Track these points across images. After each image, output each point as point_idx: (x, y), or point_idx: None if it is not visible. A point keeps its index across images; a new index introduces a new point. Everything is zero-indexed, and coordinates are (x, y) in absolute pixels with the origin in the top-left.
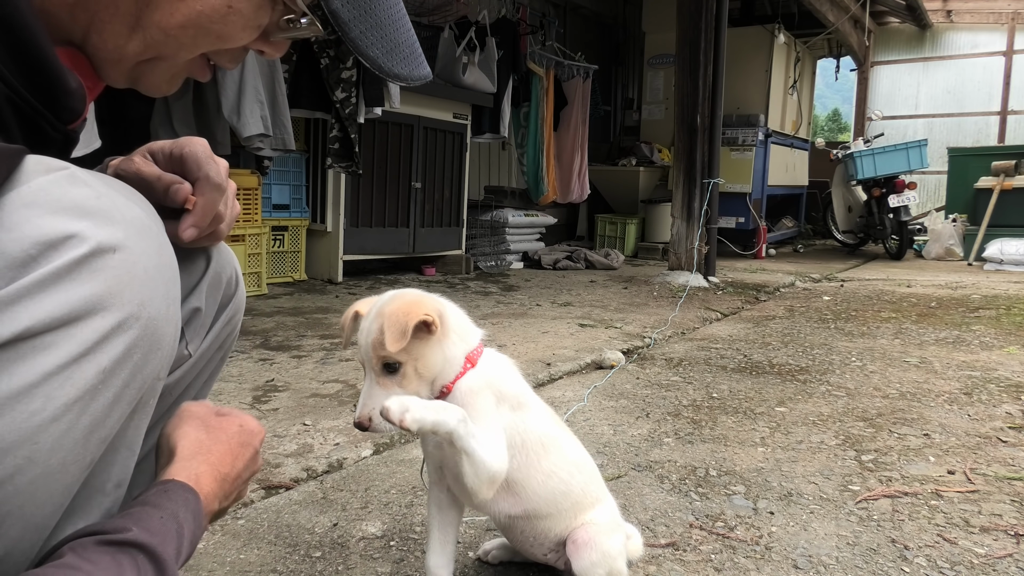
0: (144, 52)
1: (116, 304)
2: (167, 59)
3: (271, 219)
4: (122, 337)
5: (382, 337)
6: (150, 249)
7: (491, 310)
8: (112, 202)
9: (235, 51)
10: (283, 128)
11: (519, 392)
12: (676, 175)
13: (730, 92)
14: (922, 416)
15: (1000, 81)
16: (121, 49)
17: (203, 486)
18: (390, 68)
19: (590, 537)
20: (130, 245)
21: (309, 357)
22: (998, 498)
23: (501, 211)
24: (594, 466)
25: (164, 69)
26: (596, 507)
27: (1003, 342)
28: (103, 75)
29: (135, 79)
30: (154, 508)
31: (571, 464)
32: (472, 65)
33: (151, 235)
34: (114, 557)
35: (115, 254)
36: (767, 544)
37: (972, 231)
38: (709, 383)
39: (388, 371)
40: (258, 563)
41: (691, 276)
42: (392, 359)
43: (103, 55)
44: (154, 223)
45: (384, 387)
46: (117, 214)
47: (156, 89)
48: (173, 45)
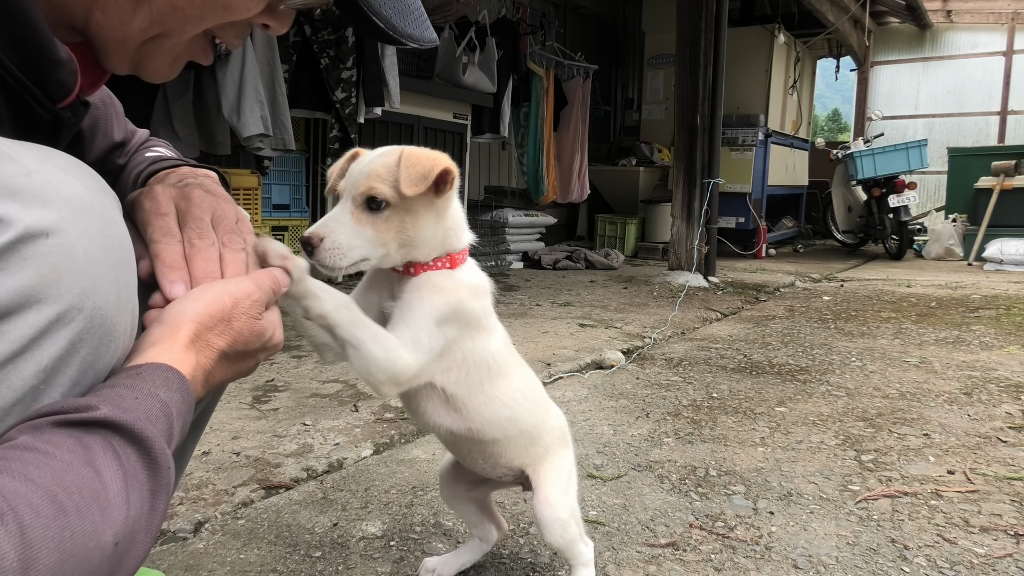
0: (149, 28)
1: (53, 295)
2: (172, 35)
3: (271, 219)
4: (63, 331)
5: (393, 172)
6: (91, 230)
7: None
8: (44, 179)
9: (240, 26)
10: (283, 128)
11: (480, 315)
12: (676, 175)
13: (730, 92)
14: (922, 416)
15: (1000, 81)
16: (126, 26)
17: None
18: (403, 28)
19: (550, 503)
20: (66, 227)
21: (309, 357)
22: (998, 498)
23: (501, 211)
24: (545, 399)
25: (168, 49)
26: (550, 444)
27: (1003, 342)
28: (107, 61)
29: (138, 62)
30: (125, 389)
31: (517, 392)
32: (472, 65)
33: (92, 214)
34: (79, 439)
35: (48, 239)
36: (767, 544)
37: (972, 231)
38: (709, 383)
39: (370, 207)
40: (258, 563)
41: (691, 276)
42: (383, 196)
43: (107, 34)
44: (99, 200)
45: (357, 222)
46: (51, 193)
47: (159, 73)
48: (179, 18)
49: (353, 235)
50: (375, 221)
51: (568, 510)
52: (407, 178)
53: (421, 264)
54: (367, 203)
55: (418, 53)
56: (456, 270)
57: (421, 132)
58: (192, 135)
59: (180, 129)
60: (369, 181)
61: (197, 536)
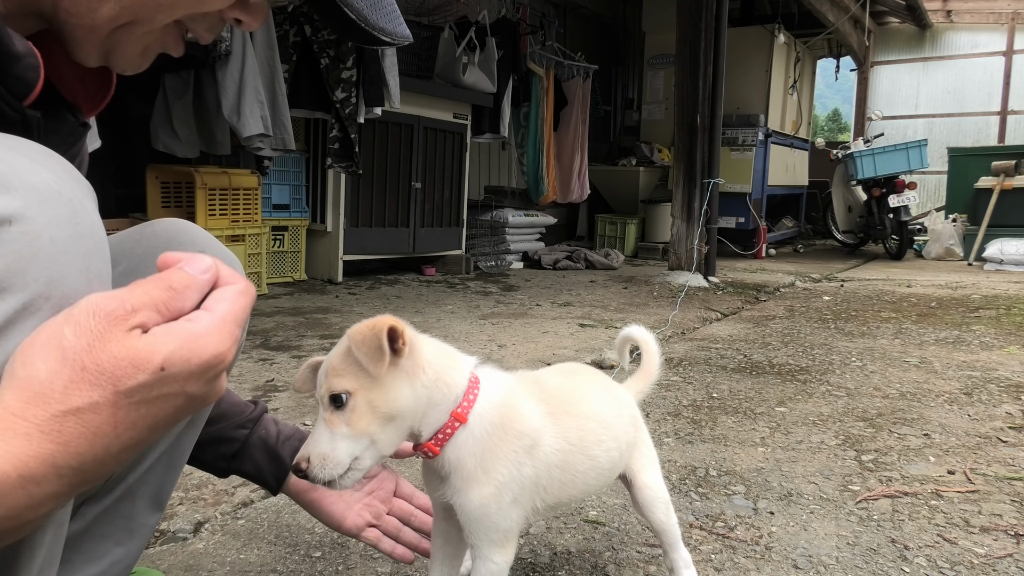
0: (119, 15)
1: (18, 283)
2: (143, 23)
3: (271, 219)
4: (30, 321)
5: (346, 360)
6: (59, 218)
7: (491, 310)
8: (9, 167)
9: (211, 19)
10: (283, 128)
11: (533, 439)
12: (676, 175)
13: (730, 92)
14: (922, 416)
15: (1000, 81)
16: (94, 12)
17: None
18: (375, 21)
19: (650, 487)
20: (31, 215)
21: (309, 357)
22: (998, 498)
23: (501, 211)
24: (613, 404)
25: (139, 38)
26: (632, 439)
27: (1003, 342)
28: (77, 51)
29: (108, 52)
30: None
31: (600, 433)
32: (472, 65)
33: (60, 202)
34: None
35: (12, 226)
36: (767, 544)
37: (972, 231)
38: (709, 383)
39: (336, 405)
40: (258, 563)
41: (691, 276)
42: (342, 388)
43: (75, 21)
44: (68, 188)
45: (331, 426)
46: (15, 179)
47: (129, 63)
48: (151, 5)
49: (332, 440)
50: (346, 416)
51: (666, 491)
52: (367, 361)
53: (430, 441)
54: (333, 403)
55: (418, 53)
56: (470, 422)
57: (421, 132)
58: (192, 135)
59: (180, 129)
60: (327, 382)
61: (197, 536)
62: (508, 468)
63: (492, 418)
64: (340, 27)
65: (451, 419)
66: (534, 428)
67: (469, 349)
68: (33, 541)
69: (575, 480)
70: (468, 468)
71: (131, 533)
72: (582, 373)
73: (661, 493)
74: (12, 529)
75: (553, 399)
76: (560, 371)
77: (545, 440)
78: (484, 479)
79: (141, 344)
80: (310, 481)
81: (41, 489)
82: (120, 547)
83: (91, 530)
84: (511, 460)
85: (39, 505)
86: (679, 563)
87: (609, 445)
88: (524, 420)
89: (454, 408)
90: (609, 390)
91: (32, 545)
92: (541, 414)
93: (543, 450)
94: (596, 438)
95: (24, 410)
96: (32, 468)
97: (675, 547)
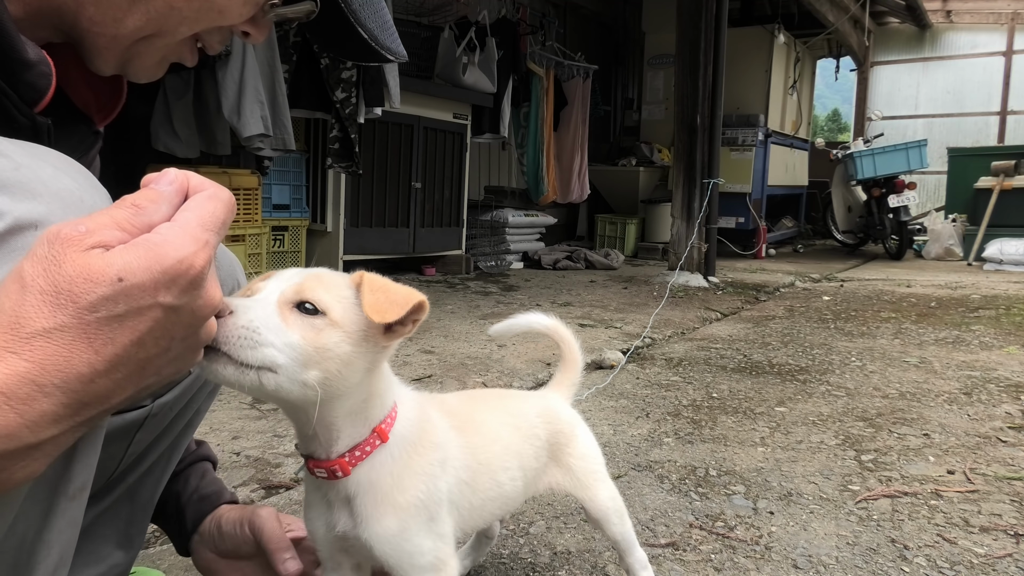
0: (143, 27)
1: None
2: (165, 36)
3: (271, 219)
4: None
5: (343, 290)
6: None
7: (491, 310)
8: (34, 173)
9: (225, 33)
10: (283, 128)
11: (443, 457)
12: (676, 175)
13: (730, 92)
14: (922, 416)
15: (1000, 81)
16: (119, 23)
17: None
18: (383, 41)
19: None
20: (55, 220)
21: None
22: (998, 498)
23: (501, 211)
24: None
25: (158, 49)
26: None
27: (1003, 342)
28: (95, 59)
29: (126, 62)
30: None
31: (504, 456)
32: (472, 65)
33: (83, 208)
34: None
35: (37, 231)
36: (767, 544)
37: (972, 231)
38: (709, 383)
39: (303, 309)
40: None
41: (691, 276)
42: (323, 304)
43: (98, 30)
44: (89, 195)
45: (283, 318)
46: (40, 187)
47: (146, 73)
48: (175, 19)
49: (275, 327)
50: (304, 326)
51: (619, 499)
52: (377, 301)
53: (342, 457)
54: (299, 305)
55: (418, 53)
56: (391, 441)
57: (421, 132)
58: (192, 135)
59: (180, 129)
60: (304, 284)
61: None
62: (425, 483)
63: (410, 436)
64: (342, 47)
65: (372, 435)
66: (446, 439)
67: (469, 349)
68: (48, 540)
69: (484, 505)
70: (382, 490)
71: (131, 537)
72: (488, 397)
73: (614, 503)
74: (16, 451)
75: (457, 416)
76: (462, 396)
77: (453, 453)
78: (400, 500)
79: (96, 260)
80: (213, 341)
81: (29, 407)
82: (120, 550)
83: (91, 532)
84: (427, 474)
85: (35, 425)
86: (636, 566)
87: (514, 473)
88: (437, 432)
89: (378, 423)
90: (516, 414)
91: (48, 544)
92: (448, 427)
93: (453, 464)
94: (502, 463)
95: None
96: (10, 385)
97: (631, 551)
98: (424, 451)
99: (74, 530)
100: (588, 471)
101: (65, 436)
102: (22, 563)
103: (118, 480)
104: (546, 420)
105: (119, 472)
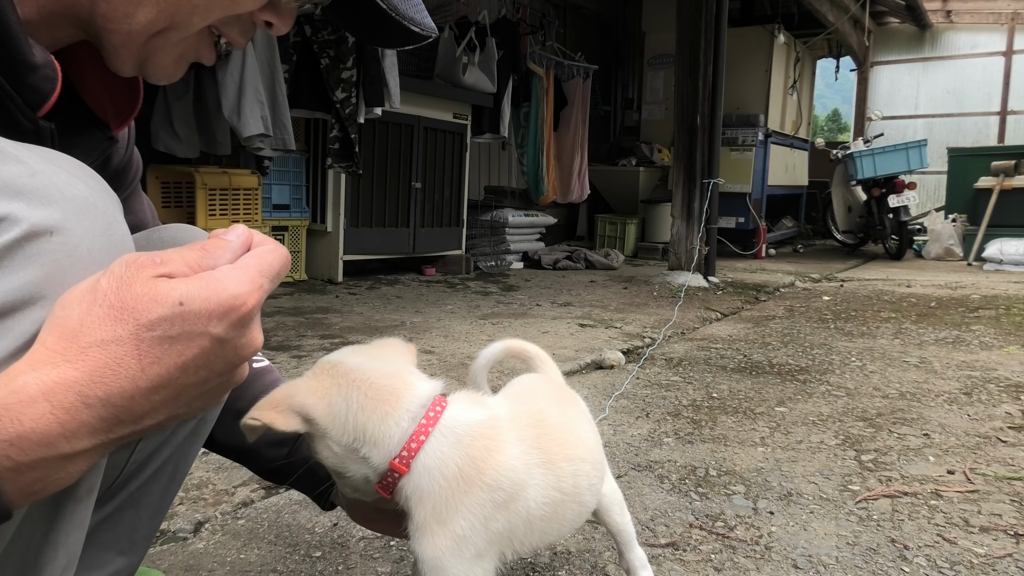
0: (156, 20)
1: (57, 293)
2: (179, 28)
3: (271, 219)
4: None
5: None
6: (95, 229)
7: (491, 310)
8: (49, 179)
9: (244, 22)
10: (283, 128)
11: (502, 483)
12: (676, 175)
13: (730, 92)
14: (922, 416)
15: (1000, 81)
16: (131, 17)
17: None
18: (405, 11)
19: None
20: (70, 226)
21: (309, 357)
22: (998, 498)
23: (501, 211)
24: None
25: (174, 45)
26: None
27: (1003, 342)
28: (114, 59)
29: (144, 60)
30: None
31: (576, 462)
32: (472, 65)
33: (96, 214)
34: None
35: (53, 237)
36: (767, 544)
37: (972, 231)
38: (709, 383)
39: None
40: (258, 563)
41: (691, 276)
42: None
43: (112, 27)
44: (102, 201)
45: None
46: (55, 192)
47: (164, 72)
48: (187, 9)
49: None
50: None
51: (619, 491)
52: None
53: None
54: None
55: (418, 53)
56: (425, 450)
57: (421, 132)
58: (192, 135)
59: (180, 129)
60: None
61: (197, 536)
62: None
63: (446, 471)
64: (363, 25)
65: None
66: (513, 478)
67: (469, 349)
68: (55, 541)
69: (560, 528)
70: (413, 503)
71: (133, 543)
72: (570, 400)
73: (616, 495)
74: (51, 459)
75: (547, 445)
76: (553, 402)
77: (531, 494)
78: (425, 534)
79: (163, 285)
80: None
81: (71, 417)
82: (123, 556)
83: (94, 538)
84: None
85: (72, 435)
86: (635, 563)
87: (597, 487)
88: (499, 470)
89: (393, 458)
90: (589, 418)
91: (55, 546)
92: (529, 463)
93: (524, 504)
94: (588, 483)
95: (56, 344)
96: (57, 393)
97: (631, 547)
98: (472, 490)
99: (81, 532)
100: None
101: (96, 452)
102: (29, 565)
103: (120, 487)
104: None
105: (121, 479)
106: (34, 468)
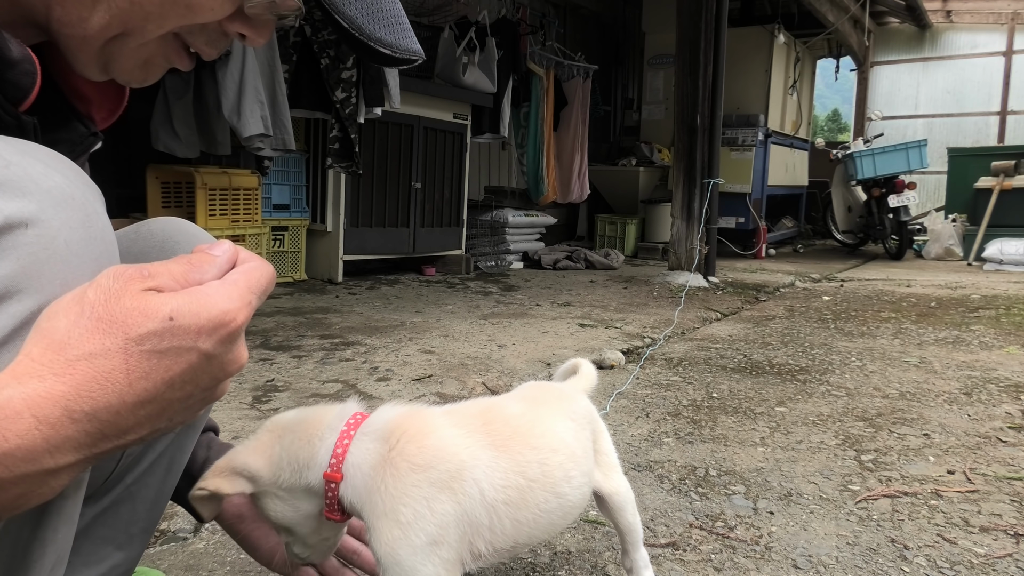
0: (109, 26)
1: (34, 286)
2: (134, 34)
3: (271, 219)
4: None
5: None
6: (73, 221)
7: (491, 310)
8: (24, 171)
9: (210, 33)
10: (283, 128)
11: (456, 471)
12: (676, 175)
13: (730, 92)
14: (922, 416)
15: (1000, 81)
16: (85, 22)
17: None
18: (371, 31)
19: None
20: (46, 219)
21: (309, 357)
22: (998, 498)
23: (501, 211)
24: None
25: (133, 50)
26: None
27: (1003, 342)
28: (74, 62)
29: (106, 63)
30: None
31: (543, 463)
32: (472, 65)
33: (74, 205)
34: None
35: (28, 229)
36: (767, 544)
37: (972, 231)
38: (709, 383)
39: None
40: (258, 563)
41: (691, 276)
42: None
43: (68, 31)
44: (81, 192)
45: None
46: (30, 184)
47: (130, 75)
48: (139, 15)
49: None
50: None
51: (631, 490)
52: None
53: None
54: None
55: None
56: (351, 451)
57: (421, 132)
58: (192, 135)
59: (180, 129)
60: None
61: (197, 536)
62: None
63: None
64: (340, 36)
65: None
66: (452, 461)
67: (469, 349)
68: (44, 538)
69: (537, 519)
70: (368, 499)
71: (131, 538)
72: (546, 398)
73: (629, 495)
74: (34, 475)
75: (504, 429)
76: (518, 399)
77: (477, 475)
78: (389, 527)
79: (152, 298)
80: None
81: (56, 432)
82: (120, 551)
83: (90, 533)
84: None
85: (56, 450)
86: (639, 563)
87: (580, 481)
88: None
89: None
90: (575, 415)
91: (43, 542)
92: (472, 446)
93: (475, 486)
94: (564, 473)
95: (42, 356)
96: (44, 408)
97: (637, 546)
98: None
99: (70, 528)
100: (613, 464)
101: (78, 466)
102: (17, 562)
103: (115, 481)
104: (590, 418)
105: (116, 473)
106: (17, 484)
